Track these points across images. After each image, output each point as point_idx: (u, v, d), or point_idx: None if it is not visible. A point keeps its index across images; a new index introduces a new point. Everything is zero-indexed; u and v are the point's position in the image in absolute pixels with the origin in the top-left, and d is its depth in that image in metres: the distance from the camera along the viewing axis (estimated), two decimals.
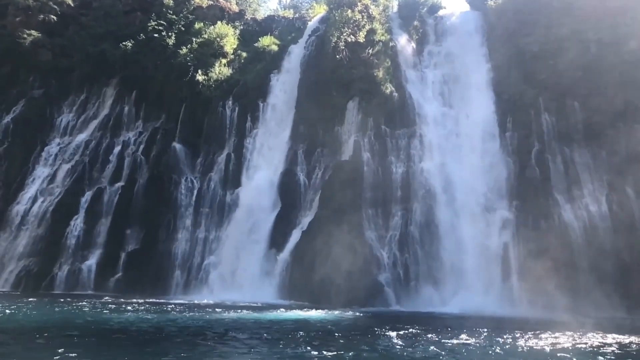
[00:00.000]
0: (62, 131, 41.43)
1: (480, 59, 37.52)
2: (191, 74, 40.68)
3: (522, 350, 14.10)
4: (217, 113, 39.44)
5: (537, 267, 27.03)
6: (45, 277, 32.78)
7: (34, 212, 35.63)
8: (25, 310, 20.55)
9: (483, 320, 22.01)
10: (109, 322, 17.74)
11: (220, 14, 46.45)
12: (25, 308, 21.28)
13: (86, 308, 22.01)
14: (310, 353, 12.84)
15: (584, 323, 20.65)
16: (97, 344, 13.97)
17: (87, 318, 18.91)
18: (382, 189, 31.89)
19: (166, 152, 38.06)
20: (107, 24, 45.72)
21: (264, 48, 42.51)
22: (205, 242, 34.11)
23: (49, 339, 14.30)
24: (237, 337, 15.37)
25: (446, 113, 35.55)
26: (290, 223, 32.77)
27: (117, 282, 32.47)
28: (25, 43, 42.67)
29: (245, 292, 29.83)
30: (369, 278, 28.10)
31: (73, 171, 37.88)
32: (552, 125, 32.06)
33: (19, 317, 18.78)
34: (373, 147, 33.37)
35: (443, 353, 13.46)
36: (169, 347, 13.69)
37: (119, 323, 17.65)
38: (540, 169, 30.67)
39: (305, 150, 35.95)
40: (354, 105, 35.36)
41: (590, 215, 28.62)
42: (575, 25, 33.57)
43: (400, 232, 30.36)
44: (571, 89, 32.27)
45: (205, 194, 36.06)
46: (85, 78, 44.11)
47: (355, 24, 37.79)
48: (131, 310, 21.82)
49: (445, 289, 28.32)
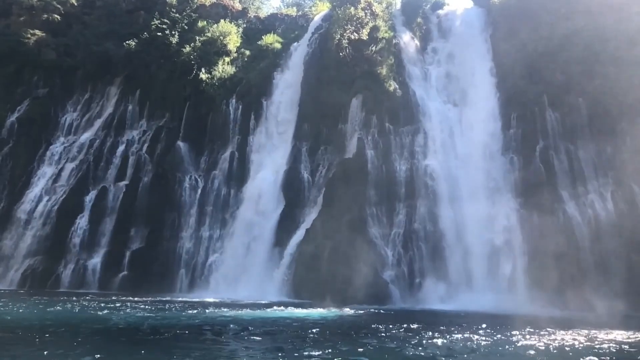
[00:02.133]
0: (66, 130, 41.62)
1: (484, 56, 37.38)
2: (195, 73, 40.74)
3: (526, 347, 14.05)
4: (220, 111, 39.48)
5: (541, 264, 26.98)
6: (50, 275, 32.97)
7: (39, 211, 35.80)
8: (29, 309, 20.63)
9: (488, 317, 21.95)
10: (112, 321, 17.78)
11: (223, 12, 46.50)
12: (30, 306, 21.36)
13: (90, 306, 22.07)
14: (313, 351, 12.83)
15: (589, 319, 20.58)
16: (99, 342, 14.00)
17: (90, 316, 18.95)
18: (386, 186, 31.87)
19: (170, 151, 38.15)
20: (111, 23, 45.85)
21: (267, 46, 42.51)
22: (209, 240, 34.19)
23: (51, 337, 14.35)
24: (239, 335, 15.37)
25: (450, 110, 35.47)
26: (294, 221, 32.78)
27: (122, 281, 32.59)
28: (30, 43, 42.85)
29: (250, 290, 29.85)
30: (373, 276, 28.07)
31: (78, 170, 38.05)
32: (556, 122, 31.90)
33: (23, 316, 18.86)
34: (377, 145, 33.33)
35: (447, 351, 13.43)
36: (168, 345, 13.68)
37: (121, 321, 17.68)
38: (544, 165, 30.53)
39: (308, 148, 35.94)
40: (358, 103, 35.30)
41: (595, 212, 28.48)
42: (579, 22, 33.40)
43: (404, 230, 30.34)
44: (576, 85, 32.10)
45: (209, 192, 36.14)
46: (89, 77, 44.29)
47: (359, 21, 37.73)
48: (134, 308, 21.87)
49: (450, 286, 28.27)
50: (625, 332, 16.80)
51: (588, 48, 32.56)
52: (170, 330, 16.14)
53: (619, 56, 31.33)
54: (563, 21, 34.04)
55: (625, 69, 30.65)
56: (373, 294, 27.33)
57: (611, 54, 31.67)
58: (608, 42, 32.10)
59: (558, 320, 20.22)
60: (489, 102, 34.66)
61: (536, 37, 34.77)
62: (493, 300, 26.50)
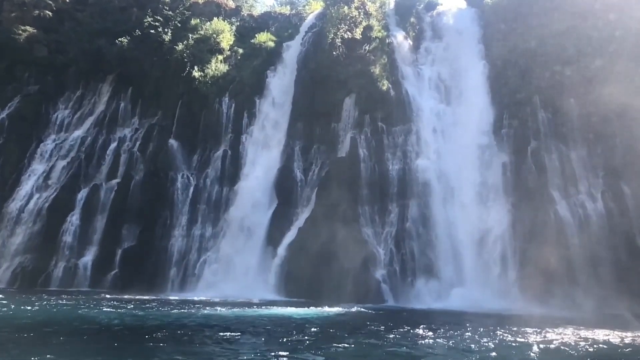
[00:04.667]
0: (57, 127, 41.25)
1: (477, 56, 37.47)
2: (187, 71, 40.52)
3: (517, 345, 14.14)
4: (213, 109, 39.30)
5: (533, 263, 27.16)
6: (41, 273, 32.67)
7: (30, 209, 35.48)
8: (19, 307, 20.48)
9: (479, 315, 22.09)
10: (102, 320, 17.70)
11: (216, 10, 46.27)
12: (20, 305, 21.20)
13: (80, 305, 21.95)
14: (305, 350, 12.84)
15: (580, 318, 20.75)
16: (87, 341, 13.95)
17: (79, 315, 18.85)
18: (379, 185, 31.94)
19: (162, 149, 37.94)
20: (103, 20, 45.47)
21: (260, 44, 42.36)
22: (201, 238, 34.07)
23: (39, 335, 14.29)
24: (228, 334, 15.34)
25: (443, 110, 35.54)
26: (286, 220, 32.76)
27: (114, 279, 32.40)
28: (21, 39, 42.43)
29: (242, 288, 29.78)
30: (366, 274, 28.16)
31: (69, 168, 37.72)
32: (548, 122, 32.06)
33: (13, 314, 18.73)
34: (370, 144, 33.38)
35: (438, 349, 13.49)
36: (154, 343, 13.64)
37: (111, 320, 17.60)
38: (536, 165, 30.69)
39: (301, 147, 35.89)
40: (351, 102, 35.32)
41: (586, 212, 28.70)
42: (572, 22, 33.57)
43: (396, 229, 30.42)
44: (568, 85, 32.28)
45: (201, 190, 36.01)
46: (81, 74, 43.91)
47: (352, 20, 37.74)
48: (124, 307, 21.79)
49: (442, 284, 28.38)
50: (614, 331, 16.95)
51: (580, 49, 32.77)
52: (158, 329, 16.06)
53: (611, 57, 31.55)
54: (556, 22, 34.21)
55: (617, 70, 30.87)
56: (365, 293, 27.42)
57: (603, 54, 31.88)
58: (600, 43, 32.31)
59: (548, 319, 20.37)
60: (482, 102, 34.75)
61: (529, 38, 34.90)
62: (484, 299, 26.68)
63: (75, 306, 21.39)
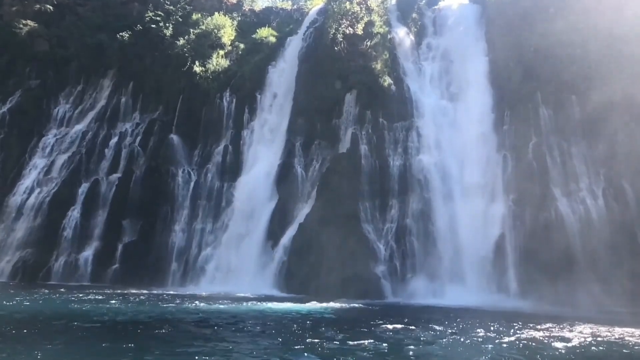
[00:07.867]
0: (59, 122, 41.32)
1: (479, 52, 37.37)
2: (188, 65, 40.53)
3: (516, 342, 14.15)
4: (214, 105, 39.32)
5: (533, 260, 27.15)
6: (42, 268, 32.78)
7: (31, 203, 35.56)
8: (19, 301, 20.54)
9: (479, 312, 22.11)
10: (102, 314, 17.73)
11: (218, 5, 46.21)
12: (20, 299, 21.27)
13: (81, 299, 22.00)
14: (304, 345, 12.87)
15: (580, 315, 20.74)
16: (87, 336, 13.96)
17: (80, 309, 18.88)
18: (380, 181, 31.90)
19: (163, 144, 37.98)
20: (105, 14, 45.51)
21: (261, 39, 42.32)
22: (202, 234, 34.14)
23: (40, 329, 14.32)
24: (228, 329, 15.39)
25: (444, 106, 35.49)
26: (287, 215, 32.77)
27: (114, 274, 32.48)
28: (22, 33, 42.47)
29: (242, 284, 29.83)
30: (366, 270, 28.16)
31: (70, 162, 37.79)
32: (549, 119, 31.98)
33: (13, 309, 18.78)
34: (371, 140, 33.34)
35: (437, 345, 13.51)
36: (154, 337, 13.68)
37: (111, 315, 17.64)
38: (537, 162, 30.61)
39: (302, 143, 35.86)
40: (352, 98, 35.27)
41: (587, 209, 28.64)
42: (574, 19, 33.42)
43: (397, 225, 30.41)
44: (569, 83, 32.16)
45: (202, 185, 36.07)
46: (82, 69, 43.96)
47: (354, 15, 37.64)
48: (125, 301, 21.83)
49: (442, 281, 28.39)
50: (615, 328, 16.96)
51: (582, 46, 32.62)
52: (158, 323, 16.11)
53: (612, 54, 31.44)
54: (558, 19, 34.07)
55: (619, 67, 30.77)
56: (365, 289, 27.42)
57: (605, 52, 31.75)
58: (602, 40, 32.17)
59: (548, 316, 20.38)
60: (483, 98, 34.70)
61: (531, 35, 34.76)
62: (484, 296, 26.69)
63: (76, 300, 21.44)
